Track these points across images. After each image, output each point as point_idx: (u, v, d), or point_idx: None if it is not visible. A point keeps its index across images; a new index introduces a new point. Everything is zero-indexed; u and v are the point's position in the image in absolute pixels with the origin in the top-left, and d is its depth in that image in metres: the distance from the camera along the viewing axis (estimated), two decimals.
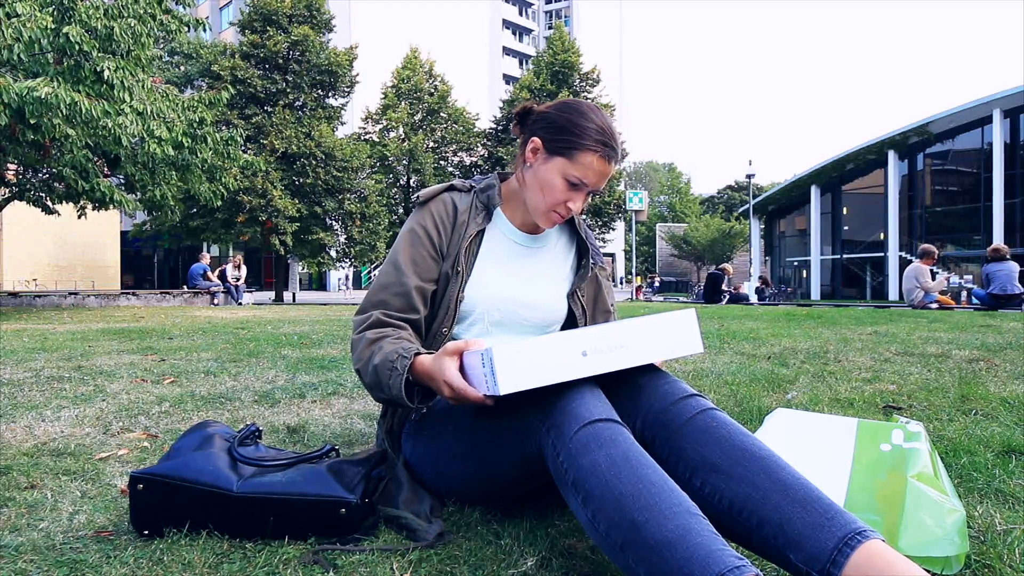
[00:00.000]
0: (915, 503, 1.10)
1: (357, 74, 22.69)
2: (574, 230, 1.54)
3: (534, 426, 1.08)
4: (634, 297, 27.59)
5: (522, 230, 1.46)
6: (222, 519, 1.15)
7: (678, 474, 1.03)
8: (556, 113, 1.33)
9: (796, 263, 34.54)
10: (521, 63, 51.09)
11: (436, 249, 1.38)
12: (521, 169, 1.40)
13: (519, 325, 1.42)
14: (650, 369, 1.18)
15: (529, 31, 55.16)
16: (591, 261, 1.49)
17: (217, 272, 14.10)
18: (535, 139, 1.34)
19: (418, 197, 1.42)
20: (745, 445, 1.01)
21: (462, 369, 1.12)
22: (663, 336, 1.11)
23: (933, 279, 9.48)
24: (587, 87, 29.13)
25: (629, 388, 1.15)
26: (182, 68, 26.38)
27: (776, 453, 1.01)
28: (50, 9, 6.99)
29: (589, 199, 1.37)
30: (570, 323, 1.52)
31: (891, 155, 27.06)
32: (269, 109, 21.13)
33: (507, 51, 51.53)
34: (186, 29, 8.81)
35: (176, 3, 9.54)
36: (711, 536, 0.85)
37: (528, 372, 1.01)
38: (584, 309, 1.50)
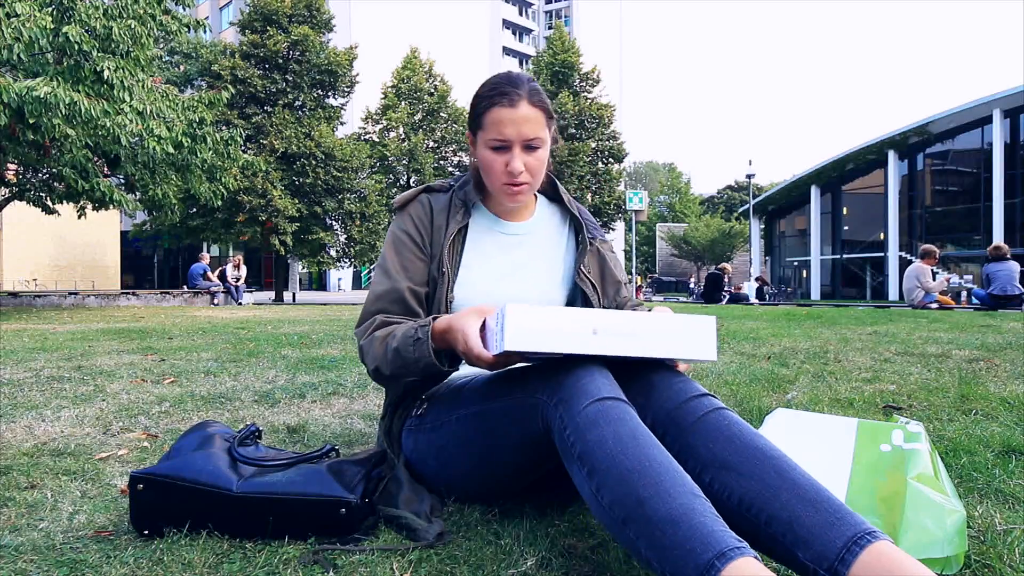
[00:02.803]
0: (915, 505, 1.10)
1: (357, 74, 22.68)
2: (565, 208, 1.52)
3: (542, 401, 1.09)
4: (634, 296, 27.55)
5: (507, 219, 1.46)
6: (222, 519, 1.15)
7: (688, 470, 1.02)
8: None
9: (796, 263, 34.53)
10: (521, 63, 51.05)
11: (422, 251, 1.39)
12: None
13: None
14: (663, 367, 1.17)
15: (529, 31, 55.15)
16: (588, 235, 1.47)
17: (217, 272, 14.10)
18: (468, 133, 1.38)
19: (394, 203, 1.43)
20: (757, 444, 1.02)
21: (483, 332, 1.13)
22: (678, 335, 1.10)
23: (934, 279, 9.48)
24: (587, 87, 29.12)
25: (641, 384, 1.15)
26: (182, 68, 26.36)
27: (786, 454, 1.02)
28: (50, 9, 7.00)
29: (531, 154, 1.30)
30: (583, 302, 1.50)
31: (891, 155, 27.06)
32: (269, 109, 21.11)
33: (507, 51, 51.48)
34: (186, 30, 8.82)
35: (176, 3, 9.53)
36: (713, 517, 0.87)
37: (536, 334, 1.01)
38: (594, 285, 1.47)
